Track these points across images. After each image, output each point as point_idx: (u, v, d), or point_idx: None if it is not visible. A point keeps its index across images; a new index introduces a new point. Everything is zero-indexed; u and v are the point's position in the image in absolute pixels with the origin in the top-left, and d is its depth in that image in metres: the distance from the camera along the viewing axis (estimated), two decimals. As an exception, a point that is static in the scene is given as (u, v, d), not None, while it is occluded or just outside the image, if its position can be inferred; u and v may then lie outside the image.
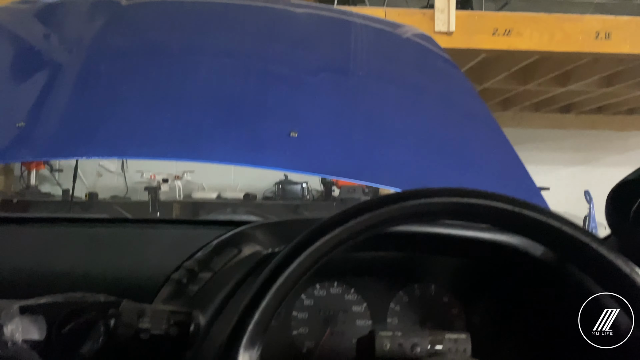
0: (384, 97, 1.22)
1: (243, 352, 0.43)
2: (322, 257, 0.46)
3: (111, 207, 3.44)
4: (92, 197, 3.69)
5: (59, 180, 3.93)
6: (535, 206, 0.48)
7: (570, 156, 4.94)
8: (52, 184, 3.97)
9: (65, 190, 3.69)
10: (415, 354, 0.54)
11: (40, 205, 3.53)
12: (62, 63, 1.06)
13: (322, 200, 3.84)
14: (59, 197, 3.71)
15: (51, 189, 3.93)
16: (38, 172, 3.87)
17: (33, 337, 0.68)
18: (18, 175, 3.91)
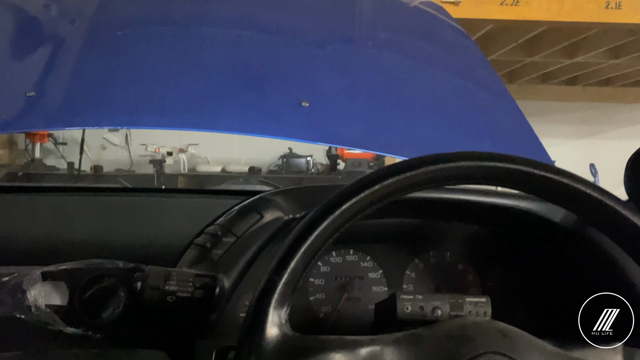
0: (396, 67, 1.21)
1: (272, 312, 0.44)
2: (351, 219, 0.46)
3: (116, 180, 3.44)
4: (97, 170, 3.70)
5: (62, 154, 3.93)
6: (562, 170, 0.48)
7: (576, 129, 4.91)
8: (57, 157, 3.97)
9: (70, 163, 3.70)
10: (437, 317, 0.55)
11: (45, 179, 3.53)
12: (72, 31, 1.05)
13: (326, 174, 3.84)
14: (63, 170, 3.71)
15: (55, 162, 3.93)
16: (42, 145, 3.87)
17: (55, 303, 0.69)
18: (22, 149, 3.90)
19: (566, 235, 0.64)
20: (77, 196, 0.84)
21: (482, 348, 0.46)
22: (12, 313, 0.67)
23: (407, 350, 0.46)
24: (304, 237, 0.45)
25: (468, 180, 0.48)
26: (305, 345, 0.45)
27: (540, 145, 1.10)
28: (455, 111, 1.13)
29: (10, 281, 0.68)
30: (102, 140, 3.99)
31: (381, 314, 0.63)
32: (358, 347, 0.46)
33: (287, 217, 0.65)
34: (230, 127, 1.06)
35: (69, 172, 3.61)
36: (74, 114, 0.94)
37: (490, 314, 0.57)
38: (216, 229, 0.64)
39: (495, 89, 1.27)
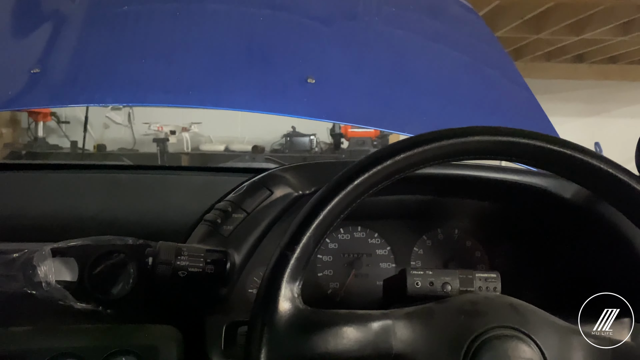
0: (402, 43, 1.19)
1: (285, 286, 0.44)
2: (362, 195, 0.46)
3: (120, 158, 3.44)
4: (101, 148, 3.70)
5: (65, 132, 3.92)
6: (576, 145, 0.47)
7: (581, 107, 4.88)
8: (60, 136, 3.96)
9: (73, 142, 3.69)
10: (447, 292, 0.55)
11: (49, 157, 3.54)
12: (77, 7, 1.03)
13: (330, 152, 3.83)
14: (67, 149, 3.71)
15: (59, 141, 3.93)
16: (45, 124, 3.86)
17: (65, 279, 0.69)
18: (25, 127, 3.90)
19: (577, 211, 0.63)
20: (85, 173, 0.83)
21: (494, 322, 0.46)
22: (23, 289, 0.67)
23: (418, 325, 0.47)
24: (316, 212, 0.45)
25: (481, 155, 0.48)
26: (317, 318, 0.45)
27: (547, 121, 1.09)
28: (462, 88, 1.12)
29: (21, 257, 0.68)
30: (105, 119, 3.97)
31: (390, 290, 0.64)
32: (369, 321, 0.46)
33: (297, 194, 0.65)
34: (236, 104, 1.06)
35: (72, 150, 3.61)
36: (79, 91, 0.93)
37: (500, 290, 0.57)
38: (226, 205, 0.64)
39: (503, 65, 1.26)
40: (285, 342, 0.43)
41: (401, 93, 1.04)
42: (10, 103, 1.03)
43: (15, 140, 3.91)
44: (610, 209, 0.62)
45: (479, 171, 0.68)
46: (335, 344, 0.44)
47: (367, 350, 0.45)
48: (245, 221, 0.62)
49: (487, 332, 0.46)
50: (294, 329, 0.44)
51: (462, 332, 0.46)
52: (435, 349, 0.46)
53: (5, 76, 0.93)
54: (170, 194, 0.79)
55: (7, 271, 0.68)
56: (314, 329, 0.44)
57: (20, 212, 0.72)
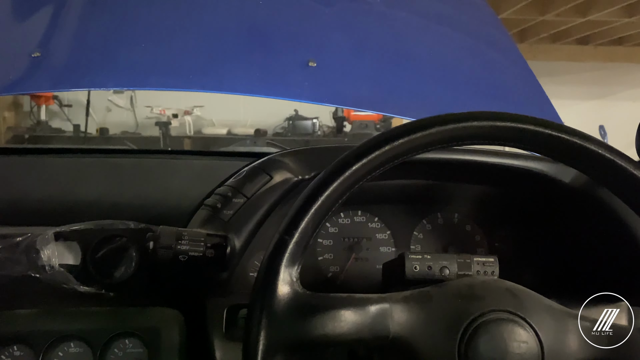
0: (404, 26, 1.18)
1: (284, 270, 0.44)
2: (361, 179, 0.46)
3: (122, 142, 3.44)
4: (103, 132, 3.69)
5: (68, 116, 3.92)
6: (574, 130, 0.47)
7: (586, 90, 4.84)
8: (62, 119, 3.96)
9: (75, 126, 3.69)
10: (445, 276, 0.55)
11: (52, 141, 3.54)
12: (76, -10, 1.03)
13: (333, 136, 3.82)
14: (69, 132, 3.71)
15: (61, 125, 3.93)
16: (48, 108, 3.86)
17: (68, 262, 0.70)
18: (28, 111, 3.90)
19: (576, 196, 0.64)
20: (87, 158, 0.84)
21: (490, 306, 0.47)
22: (27, 272, 0.68)
23: (416, 308, 0.47)
24: (315, 197, 0.45)
25: (479, 140, 0.48)
26: (316, 302, 0.45)
27: (550, 105, 1.08)
28: (465, 71, 1.11)
29: (24, 241, 0.69)
30: (107, 103, 3.96)
31: (389, 274, 0.64)
32: (367, 304, 0.46)
33: (297, 178, 0.65)
34: (237, 89, 1.05)
35: (75, 134, 3.61)
36: (80, 75, 0.93)
37: (497, 274, 0.57)
38: (226, 190, 0.65)
39: (506, 49, 1.25)
40: (284, 325, 0.44)
41: (403, 77, 1.04)
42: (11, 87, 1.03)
43: (18, 123, 3.91)
44: (608, 194, 0.63)
45: (479, 156, 0.68)
46: (333, 326, 0.45)
47: (364, 332, 0.46)
48: (245, 206, 0.63)
49: (483, 315, 0.46)
50: (292, 312, 0.44)
51: (459, 315, 0.47)
52: (432, 332, 0.46)
53: (5, 60, 0.93)
54: (171, 179, 0.80)
55: (10, 255, 0.69)
56: (312, 312, 0.45)
57: (23, 196, 0.73)
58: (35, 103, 3.78)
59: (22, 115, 3.98)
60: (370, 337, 0.46)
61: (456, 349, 0.46)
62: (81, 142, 3.32)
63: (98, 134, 3.69)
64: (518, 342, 0.46)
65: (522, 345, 0.46)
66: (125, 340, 0.66)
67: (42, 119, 3.80)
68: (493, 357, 0.46)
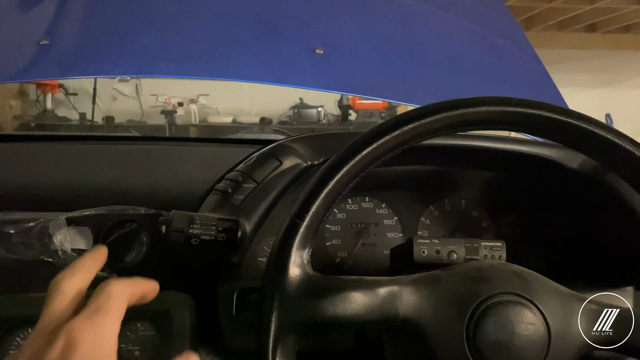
0: (412, 13, 1.18)
1: (295, 253, 0.45)
2: (371, 164, 0.47)
3: (128, 130, 3.45)
4: (109, 120, 3.71)
5: (74, 105, 3.93)
6: (584, 115, 0.47)
7: (593, 78, 4.80)
8: (68, 108, 3.97)
9: (82, 114, 3.71)
10: (452, 260, 0.56)
11: (58, 129, 3.55)
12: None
13: (338, 124, 3.82)
14: (75, 121, 3.72)
15: (67, 113, 3.94)
16: (53, 96, 3.87)
17: (80, 247, 0.71)
18: (34, 100, 3.91)
19: (583, 182, 0.64)
20: (97, 145, 0.85)
21: (498, 288, 0.48)
22: (40, 256, 0.69)
23: (424, 290, 0.48)
24: (326, 181, 0.46)
25: (489, 126, 0.49)
26: (326, 284, 0.46)
27: (557, 92, 1.08)
28: (471, 58, 1.11)
29: (37, 226, 0.70)
30: (113, 91, 3.97)
31: (397, 258, 0.65)
32: (377, 286, 0.47)
33: (306, 164, 0.66)
34: (244, 76, 1.05)
35: (81, 122, 3.62)
36: (88, 62, 0.94)
37: (505, 258, 0.58)
38: (237, 175, 0.65)
39: (513, 36, 1.24)
40: (296, 306, 0.45)
41: (410, 64, 1.04)
42: (19, 75, 1.03)
43: (24, 112, 3.92)
44: (616, 179, 0.63)
45: (487, 142, 0.68)
46: (344, 308, 0.45)
47: (374, 314, 0.46)
48: (256, 191, 0.63)
49: (491, 297, 0.47)
50: (303, 294, 0.45)
51: (467, 297, 0.47)
52: (440, 313, 0.47)
53: (14, 48, 0.93)
54: (180, 165, 0.81)
55: (24, 239, 0.70)
56: (323, 294, 0.45)
57: (35, 182, 0.73)
58: (41, 92, 3.78)
59: (28, 103, 3.99)
60: (380, 319, 0.47)
61: (464, 331, 0.47)
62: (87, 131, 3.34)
63: (104, 123, 3.70)
64: (525, 324, 0.47)
65: (529, 327, 0.47)
66: (137, 323, 0.68)
67: (48, 108, 3.82)
68: (500, 338, 0.46)
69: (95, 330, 0.40)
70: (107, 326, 0.41)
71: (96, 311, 0.41)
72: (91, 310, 0.41)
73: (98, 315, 0.41)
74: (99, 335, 0.40)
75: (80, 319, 0.40)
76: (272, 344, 0.43)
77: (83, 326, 0.39)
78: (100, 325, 0.40)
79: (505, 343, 0.46)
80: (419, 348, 0.49)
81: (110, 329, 0.41)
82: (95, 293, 0.43)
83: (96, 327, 0.40)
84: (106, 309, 0.41)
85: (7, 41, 0.96)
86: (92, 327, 0.40)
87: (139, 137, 0.98)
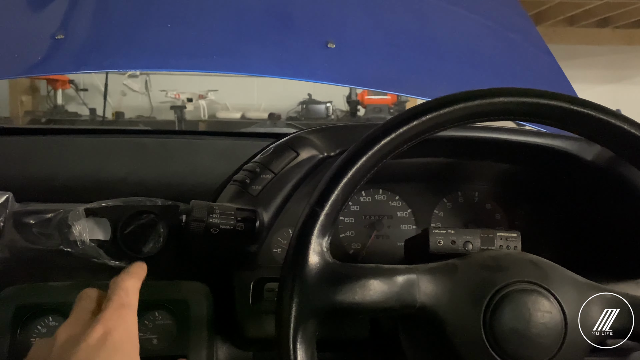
0: (423, 7, 1.18)
1: (314, 241, 0.46)
2: (389, 154, 0.48)
3: (138, 126, 3.47)
4: (119, 116, 3.73)
5: (84, 100, 3.96)
6: (601, 106, 0.48)
7: (603, 73, 4.77)
8: (78, 104, 4.00)
9: (92, 110, 3.73)
10: (468, 250, 0.57)
11: (69, 125, 3.57)
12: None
13: (346, 120, 3.82)
14: (85, 116, 3.75)
15: (77, 109, 3.96)
16: (64, 92, 3.89)
17: (99, 237, 0.72)
18: (45, 95, 3.94)
19: (598, 173, 0.64)
20: (113, 138, 0.86)
21: (515, 277, 0.48)
22: (59, 247, 0.70)
23: (442, 279, 0.49)
24: (345, 170, 0.46)
25: (506, 117, 0.49)
26: (345, 272, 0.47)
27: (570, 87, 1.08)
28: (483, 52, 1.11)
29: (56, 217, 0.71)
30: (122, 87, 3.99)
31: (412, 249, 0.66)
32: (395, 274, 0.48)
33: (322, 155, 0.67)
34: (257, 70, 1.06)
35: (91, 118, 3.65)
36: (104, 57, 0.95)
37: (520, 249, 0.58)
38: (254, 166, 0.66)
39: (525, 30, 1.24)
40: (316, 293, 0.45)
41: (422, 58, 1.04)
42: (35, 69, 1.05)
43: (35, 107, 3.95)
44: (631, 171, 0.63)
45: (501, 134, 0.68)
46: (363, 295, 0.46)
47: (392, 301, 0.47)
48: (273, 181, 0.64)
49: (508, 286, 0.48)
50: (323, 281, 0.46)
51: (484, 285, 0.48)
52: (457, 301, 0.48)
53: (30, 42, 0.95)
54: (195, 158, 0.82)
55: (44, 230, 0.71)
56: (342, 281, 0.46)
57: (54, 175, 0.75)
58: (52, 87, 3.81)
59: (39, 99, 4.02)
60: (398, 306, 0.47)
61: (481, 318, 0.47)
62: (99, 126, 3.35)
63: (114, 118, 3.73)
64: (542, 312, 0.47)
65: (545, 315, 0.47)
66: (155, 312, 0.69)
67: (59, 103, 3.84)
68: (517, 326, 0.47)
69: (123, 322, 0.49)
70: (131, 318, 0.50)
71: (122, 306, 0.50)
72: (117, 304, 0.50)
73: (124, 310, 0.50)
74: (126, 326, 0.49)
75: (110, 312, 0.49)
76: (293, 330, 0.44)
77: (114, 318, 0.48)
78: (126, 317, 0.49)
79: (522, 331, 0.47)
80: (435, 336, 0.49)
81: (133, 320, 0.50)
82: (113, 288, 0.53)
83: (124, 319, 0.49)
84: (128, 304, 0.51)
85: (23, 36, 0.97)
86: (121, 319, 0.49)
87: (154, 131, 0.99)
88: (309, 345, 0.45)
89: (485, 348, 0.47)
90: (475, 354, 0.47)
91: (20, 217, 0.70)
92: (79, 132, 0.87)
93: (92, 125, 3.43)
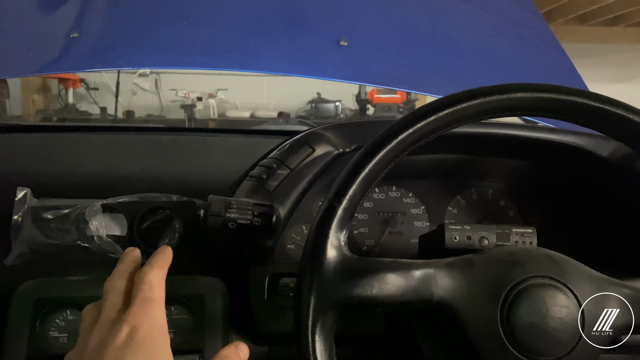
0: (436, 5, 1.18)
1: (332, 235, 0.46)
2: (406, 149, 0.48)
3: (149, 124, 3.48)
4: (129, 115, 3.75)
5: (95, 99, 3.98)
6: (618, 101, 0.48)
7: (614, 73, 4.73)
8: (88, 102, 4.03)
9: (102, 109, 3.75)
10: (484, 246, 0.57)
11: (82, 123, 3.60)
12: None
13: (356, 119, 3.81)
14: (97, 115, 3.78)
15: (88, 108, 3.99)
16: (75, 91, 3.92)
17: (115, 233, 0.73)
18: (56, 94, 3.97)
19: (614, 170, 0.64)
20: (128, 135, 0.86)
21: (532, 272, 0.48)
22: (77, 242, 0.71)
23: (459, 273, 0.49)
24: (362, 165, 0.47)
25: (524, 112, 0.49)
26: (363, 265, 0.47)
27: (583, 84, 1.08)
28: (496, 50, 1.11)
29: (74, 212, 0.72)
30: (133, 86, 4.01)
31: (426, 245, 0.66)
32: (412, 269, 0.48)
33: (338, 151, 0.67)
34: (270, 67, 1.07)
35: (102, 116, 3.67)
36: (118, 54, 0.95)
37: (535, 245, 0.58)
38: (271, 161, 0.67)
39: (538, 28, 1.24)
40: (334, 286, 0.46)
41: (434, 55, 1.04)
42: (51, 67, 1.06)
43: (47, 106, 3.98)
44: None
45: (515, 130, 0.68)
46: (380, 288, 0.46)
47: (409, 295, 0.47)
48: (289, 177, 0.65)
49: (525, 280, 0.48)
50: (341, 275, 0.46)
51: (500, 280, 0.48)
52: (475, 296, 0.48)
53: (45, 41, 0.96)
54: (208, 155, 0.82)
55: (61, 225, 0.72)
56: (360, 275, 0.46)
57: (71, 171, 0.75)
58: (63, 86, 3.84)
59: (50, 98, 4.05)
60: (415, 300, 0.48)
61: (498, 313, 0.47)
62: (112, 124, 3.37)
63: (124, 117, 3.75)
64: (559, 307, 0.47)
65: (562, 309, 0.47)
66: (170, 307, 0.69)
67: (70, 102, 3.87)
68: (534, 320, 0.47)
69: (148, 317, 0.47)
70: (157, 312, 0.48)
71: (146, 300, 0.48)
72: (141, 299, 0.48)
73: (147, 304, 0.48)
74: (151, 321, 0.47)
75: (134, 309, 0.47)
76: (312, 322, 0.44)
77: (139, 314, 0.47)
78: (150, 311, 0.47)
79: (538, 325, 0.47)
80: (452, 330, 0.50)
81: (159, 313, 0.48)
82: (137, 283, 0.50)
83: (148, 314, 0.47)
84: (152, 298, 0.48)
85: (39, 35, 0.98)
86: (146, 315, 0.47)
87: (167, 128, 1.00)
88: (328, 337, 0.45)
89: (502, 342, 0.47)
90: (492, 348, 0.47)
91: (38, 212, 0.71)
92: (94, 130, 0.87)
93: (106, 123, 3.45)
